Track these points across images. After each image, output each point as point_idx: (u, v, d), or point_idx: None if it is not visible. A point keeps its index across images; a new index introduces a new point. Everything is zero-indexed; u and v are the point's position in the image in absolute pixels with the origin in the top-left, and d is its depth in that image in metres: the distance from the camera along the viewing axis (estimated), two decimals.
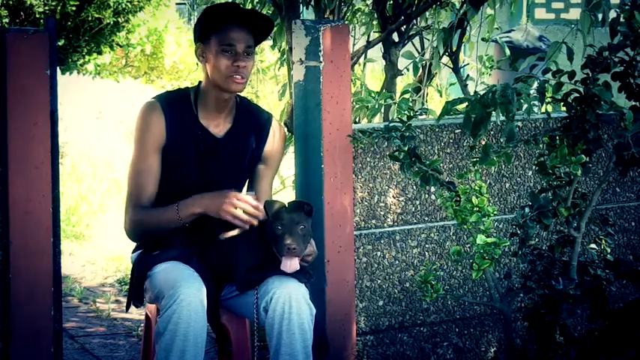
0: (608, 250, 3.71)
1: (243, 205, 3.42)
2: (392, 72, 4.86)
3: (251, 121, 3.64)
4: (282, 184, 5.01)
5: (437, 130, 4.02)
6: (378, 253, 3.95)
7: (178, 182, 3.55)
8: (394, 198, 3.97)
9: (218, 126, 3.59)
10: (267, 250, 3.38)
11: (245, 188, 3.69)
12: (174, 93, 3.66)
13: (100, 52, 9.06)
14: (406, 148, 3.60)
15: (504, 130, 3.59)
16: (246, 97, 3.74)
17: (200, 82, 3.60)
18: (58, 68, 3.59)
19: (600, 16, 4.24)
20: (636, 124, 3.33)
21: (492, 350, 4.17)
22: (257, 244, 3.40)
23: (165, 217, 3.49)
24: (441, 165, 3.98)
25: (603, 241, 3.72)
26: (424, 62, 4.86)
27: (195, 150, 3.54)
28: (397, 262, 3.99)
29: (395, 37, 4.84)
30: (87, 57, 8.98)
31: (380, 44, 4.82)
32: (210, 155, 3.56)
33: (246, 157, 3.62)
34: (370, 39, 4.86)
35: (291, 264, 3.34)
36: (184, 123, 3.55)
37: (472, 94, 3.80)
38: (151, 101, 3.57)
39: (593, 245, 3.74)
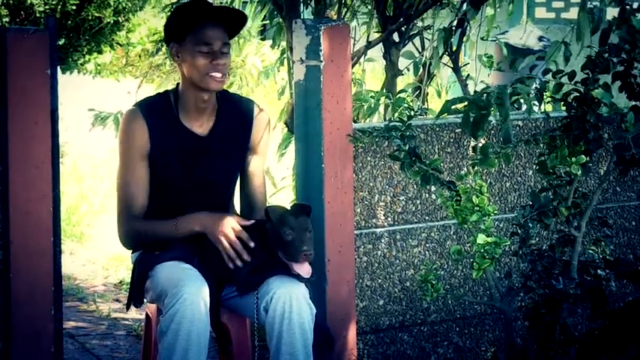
0: (607, 251, 3.71)
1: (234, 239, 3.40)
2: (392, 72, 4.86)
3: (234, 111, 3.59)
4: (273, 186, 4.93)
5: (437, 129, 4.01)
6: (379, 253, 3.95)
7: (166, 186, 3.52)
8: (394, 197, 3.97)
9: (201, 125, 3.54)
10: (267, 252, 3.38)
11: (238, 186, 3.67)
12: (154, 98, 3.60)
13: (100, 52, 9.06)
14: (406, 148, 3.60)
15: (501, 131, 3.59)
16: (225, 89, 3.67)
17: (178, 83, 3.56)
18: (58, 67, 3.58)
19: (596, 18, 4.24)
20: (637, 126, 3.33)
21: (493, 350, 4.17)
22: (257, 246, 3.39)
23: (162, 231, 3.47)
24: (442, 164, 3.97)
25: (602, 243, 3.72)
26: (424, 62, 4.86)
27: (180, 152, 3.50)
28: (397, 261, 3.99)
29: (395, 36, 4.84)
30: (87, 56, 8.97)
31: (380, 44, 4.82)
32: (199, 155, 3.52)
33: (236, 150, 3.58)
34: (370, 39, 4.86)
35: (305, 268, 3.34)
36: (166, 126, 3.51)
37: (472, 93, 3.80)
38: (132, 109, 3.52)
39: (592, 247, 3.74)
